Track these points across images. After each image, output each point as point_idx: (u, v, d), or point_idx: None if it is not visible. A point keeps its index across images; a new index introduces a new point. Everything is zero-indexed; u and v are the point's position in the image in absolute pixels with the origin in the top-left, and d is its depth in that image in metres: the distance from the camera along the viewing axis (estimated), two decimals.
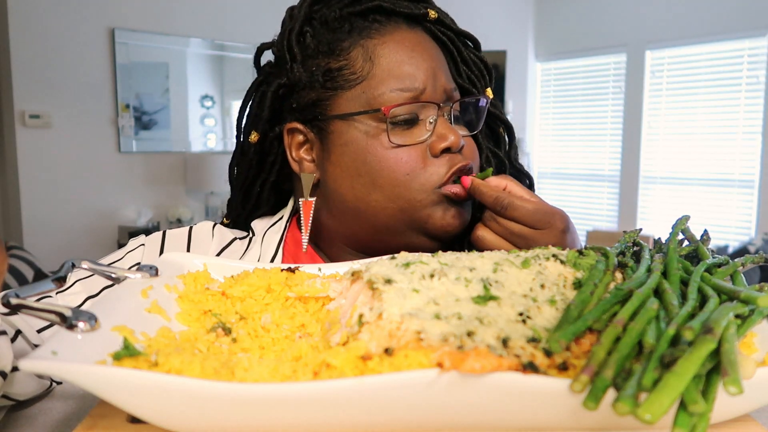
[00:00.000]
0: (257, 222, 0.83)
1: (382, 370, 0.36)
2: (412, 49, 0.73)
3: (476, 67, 0.81)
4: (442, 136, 0.72)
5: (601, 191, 4.98)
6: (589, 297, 0.43)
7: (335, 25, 0.73)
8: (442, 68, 0.76)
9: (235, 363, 0.37)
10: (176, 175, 4.19)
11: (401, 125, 0.72)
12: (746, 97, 4.17)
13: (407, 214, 0.72)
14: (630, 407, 0.31)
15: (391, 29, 0.74)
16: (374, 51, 0.73)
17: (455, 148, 0.72)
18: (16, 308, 0.40)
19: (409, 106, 0.72)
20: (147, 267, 0.50)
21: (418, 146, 0.72)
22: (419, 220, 0.72)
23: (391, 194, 0.71)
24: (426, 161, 0.72)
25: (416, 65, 0.73)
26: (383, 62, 0.72)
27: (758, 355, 0.42)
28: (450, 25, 0.79)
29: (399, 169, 0.71)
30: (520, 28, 5.10)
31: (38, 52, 3.52)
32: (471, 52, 0.82)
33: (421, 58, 0.73)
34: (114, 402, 0.34)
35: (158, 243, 0.76)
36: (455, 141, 0.72)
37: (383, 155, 0.71)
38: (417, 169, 0.71)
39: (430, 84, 0.73)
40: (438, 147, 0.72)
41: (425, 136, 0.72)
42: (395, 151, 0.71)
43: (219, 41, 4.30)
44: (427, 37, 0.76)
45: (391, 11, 0.74)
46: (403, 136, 0.72)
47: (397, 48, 0.73)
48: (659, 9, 4.45)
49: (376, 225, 0.74)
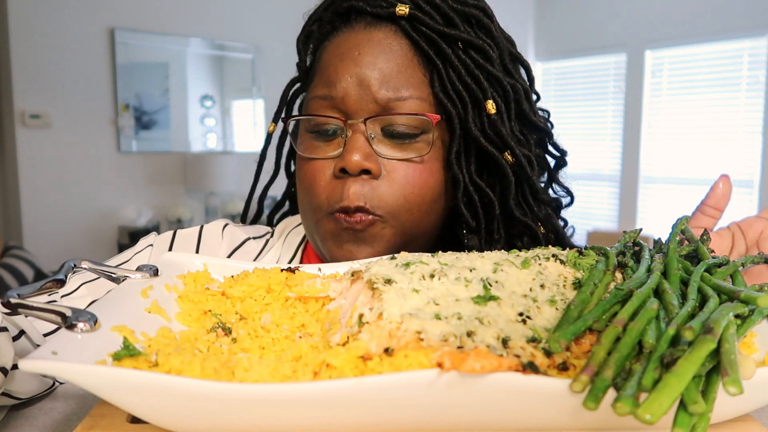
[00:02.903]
0: (282, 222, 0.82)
1: (382, 370, 0.36)
2: (344, 52, 0.66)
3: (470, 74, 0.67)
4: (343, 154, 0.64)
5: (601, 191, 4.98)
6: (589, 297, 0.43)
7: (323, 27, 0.72)
8: (382, 75, 0.65)
9: (235, 363, 0.37)
10: (176, 175, 4.19)
11: (321, 136, 0.67)
12: (746, 97, 4.16)
13: (311, 233, 0.69)
14: (630, 407, 0.31)
15: (345, 30, 0.68)
16: (319, 54, 0.70)
17: (350, 170, 0.63)
18: (16, 308, 0.40)
19: (322, 118, 0.66)
20: (147, 267, 0.50)
21: (328, 162, 0.66)
22: (319, 245, 0.68)
23: (302, 206, 0.69)
24: (326, 179, 0.66)
25: (340, 71, 0.65)
26: (320, 66, 0.69)
27: (758, 355, 0.42)
28: (429, 22, 0.66)
29: (303, 182, 0.68)
30: (520, 28, 5.10)
31: (38, 52, 3.52)
32: (467, 55, 0.67)
33: (350, 63, 0.65)
34: (114, 402, 0.34)
35: (167, 244, 0.75)
36: (351, 162, 0.63)
37: (298, 165, 0.69)
38: (315, 186, 0.66)
39: (353, 93, 0.64)
40: (337, 166, 0.64)
41: (337, 152, 0.66)
42: (306, 163, 0.67)
43: (219, 41, 4.30)
44: (386, 39, 0.66)
45: (361, 10, 0.68)
46: (318, 149, 0.67)
47: (332, 51, 0.67)
48: (659, 9, 4.45)
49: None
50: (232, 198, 4.20)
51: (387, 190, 0.64)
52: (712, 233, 0.62)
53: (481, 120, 0.67)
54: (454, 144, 0.67)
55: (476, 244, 0.70)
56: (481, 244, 0.70)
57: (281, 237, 0.79)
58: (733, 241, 0.62)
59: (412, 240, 0.68)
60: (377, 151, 0.65)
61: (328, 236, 0.66)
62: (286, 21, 4.57)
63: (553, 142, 0.76)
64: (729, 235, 0.63)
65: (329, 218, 0.65)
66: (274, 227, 0.82)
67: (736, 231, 0.62)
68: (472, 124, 0.67)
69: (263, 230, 0.81)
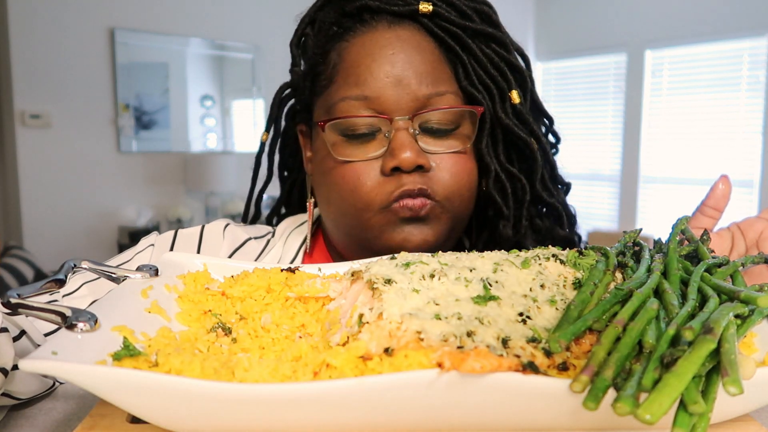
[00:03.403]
0: (283, 222, 0.82)
1: (382, 370, 0.36)
2: (375, 51, 0.66)
3: (495, 66, 0.70)
4: (393, 153, 0.64)
5: (601, 191, 4.98)
6: (589, 297, 0.43)
7: (327, 28, 0.71)
8: (419, 72, 0.66)
9: (235, 363, 0.37)
10: (176, 175, 4.19)
11: (357, 138, 0.66)
12: (746, 97, 4.17)
13: (356, 231, 0.68)
14: (630, 407, 0.31)
15: (366, 30, 0.67)
16: (340, 55, 0.68)
17: (405, 167, 0.64)
18: (16, 308, 0.40)
19: (361, 119, 0.65)
20: (147, 267, 0.50)
21: (371, 162, 0.66)
22: (369, 239, 0.68)
23: (341, 210, 0.68)
24: (374, 179, 0.65)
25: (373, 70, 0.65)
26: (345, 67, 0.67)
27: (758, 355, 0.42)
28: (453, 18, 0.68)
29: (344, 185, 0.66)
30: (521, 28, 5.10)
31: (38, 52, 3.52)
32: (490, 48, 0.70)
33: (384, 62, 0.65)
34: (114, 402, 0.34)
35: (168, 244, 0.75)
36: (406, 160, 0.63)
37: (332, 169, 0.68)
38: (361, 187, 0.65)
39: (389, 91, 0.64)
40: (387, 165, 0.64)
41: (380, 152, 0.65)
42: (343, 166, 0.66)
43: (219, 41, 4.30)
44: (413, 37, 0.67)
45: (378, 9, 0.67)
46: (356, 150, 0.66)
47: (359, 51, 0.66)
48: (659, 9, 4.45)
49: (341, 237, 0.72)
50: (232, 198, 4.21)
51: (441, 180, 0.66)
52: (712, 233, 0.63)
53: (506, 109, 0.70)
54: (483, 134, 0.70)
55: (510, 231, 0.72)
56: (515, 229, 0.73)
57: (282, 237, 0.79)
58: (733, 241, 0.62)
59: (458, 224, 0.70)
60: (423, 147, 0.66)
61: (385, 226, 0.66)
62: (286, 21, 4.54)
63: (553, 129, 0.80)
64: (729, 236, 0.63)
65: (383, 212, 0.65)
66: (275, 227, 0.82)
67: (736, 231, 0.63)
68: (502, 113, 0.70)
69: (264, 230, 0.81)
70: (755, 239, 0.61)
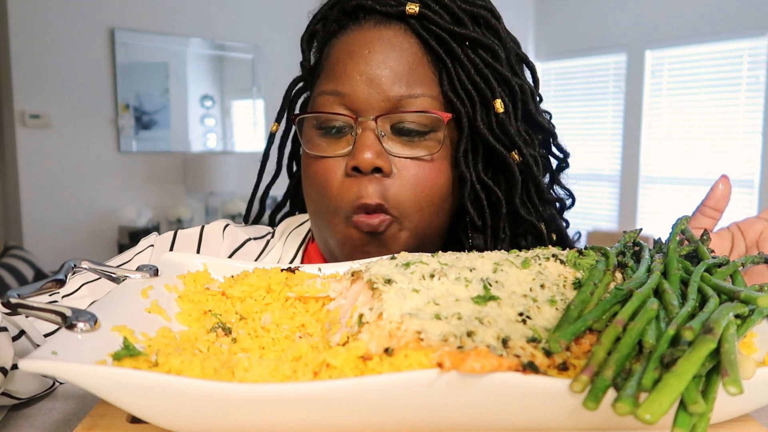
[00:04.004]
0: (283, 222, 0.82)
1: (382, 370, 0.36)
2: (354, 49, 0.66)
3: (479, 72, 0.67)
4: (354, 152, 0.63)
5: (601, 191, 4.98)
6: (589, 297, 0.43)
7: (329, 26, 0.72)
8: (394, 73, 0.64)
9: (235, 363, 0.37)
10: (176, 175, 4.19)
11: (330, 134, 0.66)
12: (746, 97, 4.17)
13: (326, 234, 0.68)
14: (630, 407, 0.31)
15: (354, 28, 0.68)
16: (327, 51, 0.69)
17: (363, 168, 0.62)
18: (16, 308, 0.40)
19: (332, 116, 0.65)
20: (147, 267, 0.50)
21: (338, 160, 0.65)
22: (334, 245, 0.67)
23: (314, 206, 0.68)
24: (339, 179, 0.65)
25: (348, 68, 0.65)
26: (328, 63, 0.68)
27: (758, 355, 0.42)
28: (439, 21, 0.66)
29: (314, 181, 0.66)
30: (520, 28, 5.10)
31: (38, 52, 3.52)
32: (476, 54, 0.67)
33: (359, 60, 0.65)
34: (114, 402, 0.34)
35: (168, 244, 0.75)
36: (363, 161, 0.62)
37: (306, 164, 0.68)
38: (328, 186, 0.65)
39: (361, 89, 0.64)
40: (348, 164, 0.64)
41: (347, 149, 0.65)
42: (315, 161, 0.66)
43: (219, 41, 4.30)
44: (395, 37, 0.66)
45: (370, 9, 0.67)
46: (328, 146, 0.66)
47: (342, 48, 0.67)
48: (659, 9, 4.45)
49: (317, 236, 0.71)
50: (233, 198, 4.21)
51: (399, 189, 0.64)
52: (712, 233, 0.63)
53: (489, 119, 0.67)
54: (461, 142, 0.67)
55: (481, 243, 0.70)
56: (486, 244, 0.70)
57: (282, 237, 0.79)
58: (733, 241, 0.62)
59: (424, 243, 0.68)
60: (387, 149, 0.64)
61: (347, 243, 0.65)
62: (286, 21, 4.58)
63: (557, 143, 0.76)
64: (729, 236, 0.63)
65: (347, 224, 0.65)
66: (275, 228, 0.82)
67: (736, 231, 0.63)
68: (481, 122, 0.67)
69: (264, 231, 0.81)
70: (755, 239, 0.61)
